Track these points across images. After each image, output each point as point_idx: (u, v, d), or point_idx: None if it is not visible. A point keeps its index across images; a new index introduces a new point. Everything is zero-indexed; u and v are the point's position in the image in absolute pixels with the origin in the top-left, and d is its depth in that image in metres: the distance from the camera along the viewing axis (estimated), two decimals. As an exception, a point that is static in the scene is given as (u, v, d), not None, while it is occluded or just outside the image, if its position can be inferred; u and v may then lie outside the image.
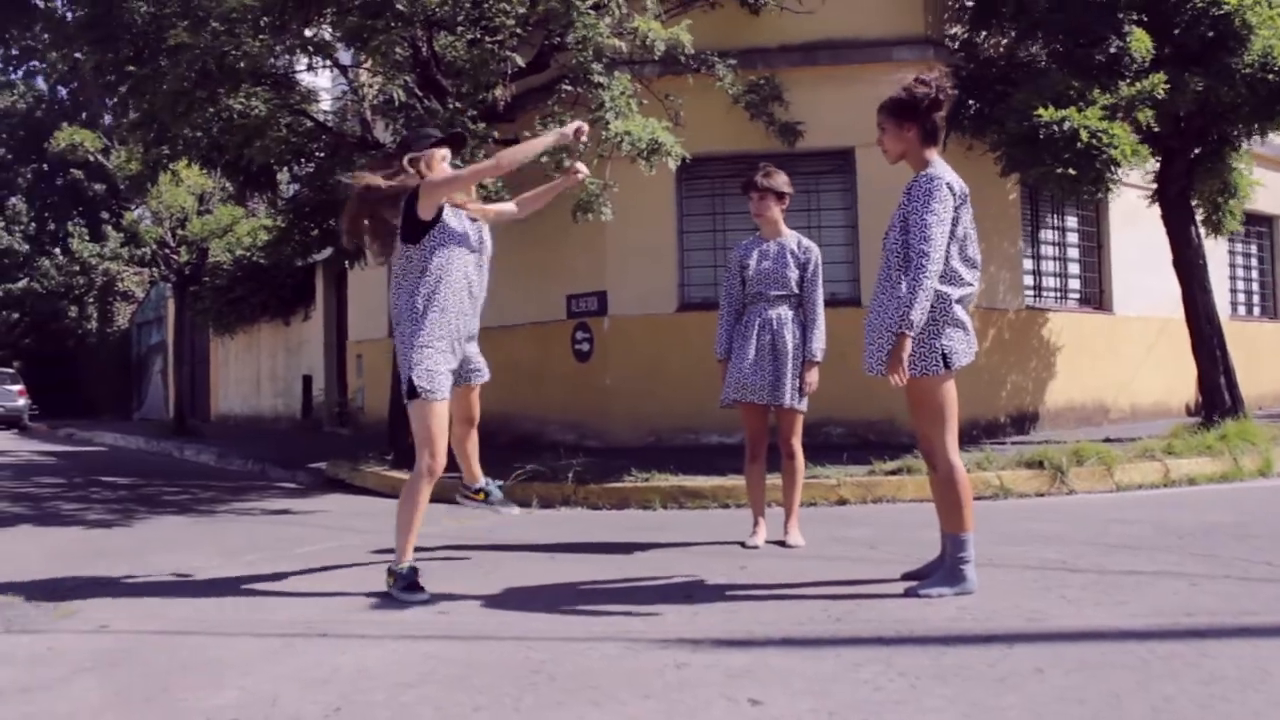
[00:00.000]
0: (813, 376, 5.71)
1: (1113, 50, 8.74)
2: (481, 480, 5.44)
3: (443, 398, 4.76)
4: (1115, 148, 8.50)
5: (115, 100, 9.93)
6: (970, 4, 10.37)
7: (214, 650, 3.83)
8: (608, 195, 8.65)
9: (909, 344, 4.18)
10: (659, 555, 5.58)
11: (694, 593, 4.50)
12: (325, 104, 12.81)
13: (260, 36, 8.17)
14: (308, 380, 20.17)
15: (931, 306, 4.21)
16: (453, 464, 5.20)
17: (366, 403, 16.44)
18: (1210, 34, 8.87)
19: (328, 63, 9.98)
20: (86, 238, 31.29)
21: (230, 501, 8.97)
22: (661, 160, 8.12)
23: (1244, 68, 8.87)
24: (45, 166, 34.02)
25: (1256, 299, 15.55)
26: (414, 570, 4.62)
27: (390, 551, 4.90)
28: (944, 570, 4.32)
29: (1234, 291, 14.89)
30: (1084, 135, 8.42)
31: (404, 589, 4.55)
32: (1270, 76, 8.89)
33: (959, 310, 4.35)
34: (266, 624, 4.22)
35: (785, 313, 5.70)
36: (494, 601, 4.51)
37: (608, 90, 8.07)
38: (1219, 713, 2.80)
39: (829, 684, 3.15)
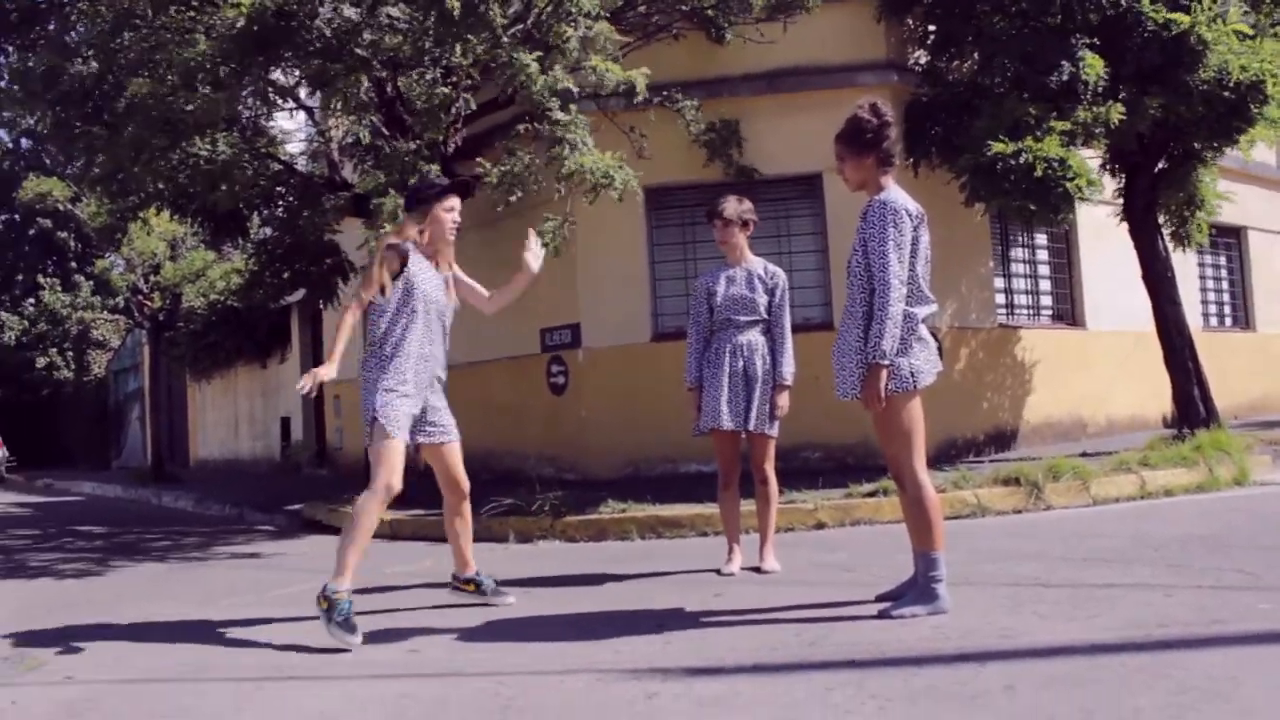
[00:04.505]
0: (783, 400, 5.71)
1: (1065, 77, 8.81)
2: (473, 570, 5.25)
3: (402, 439, 4.78)
4: (1071, 179, 8.56)
5: (79, 157, 9.85)
6: (932, 29, 10.47)
7: (181, 698, 3.79)
8: (566, 230, 8.66)
9: (884, 374, 4.21)
10: (633, 586, 5.55)
11: (667, 622, 4.47)
12: (294, 146, 12.82)
13: (206, 88, 8.13)
14: (286, 422, 20.07)
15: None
16: (434, 497, 5.16)
17: (345, 443, 16.36)
18: (1161, 59, 8.95)
19: (292, 106, 9.99)
20: (58, 288, 31.08)
21: (206, 547, 8.89)
22: (611, 194, 8.15)
23: (1201, 84, 8.96)
24: (16, 217, 33.85)
25: (1227, 310, 15.65)
26: (349, 606, 4.43)
27: (369, 591, 4.87)
28: (917, 590, 4.32)
29: (1205, 303, 14.98)
30: (1039, 167, 8.48)
31: (340, 624, 4.37)
32: (1226, 93, 8.99)
33: (924, 329, 4.38)
34: (236, 669, 4.17)
35: (755, 338, 5.71)
36: (466, 637, 4.47)
37: (563, 126, 8.10)
38: (1188, 723, 2.80)
39: (799, 709, 3.13)
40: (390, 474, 4.68)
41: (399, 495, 4.80)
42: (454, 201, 5.17)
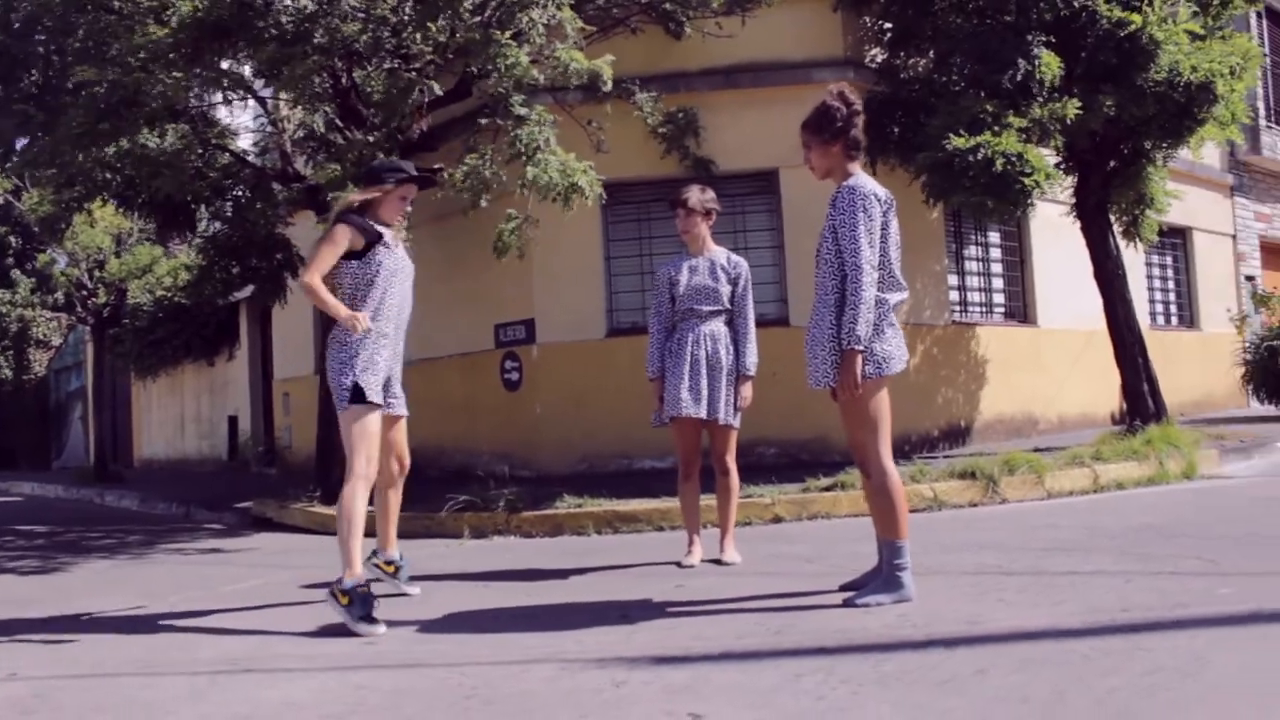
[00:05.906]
0: (747, 391, 5.67)
1: (1021, 75, 8.85)
2: (395, 553, 5.27)
3: (378, 406, 4.75)
4: (1030, 174, 8.59)
5: (25, 138, 9.62)
6: (889, 27, 10.51)
7: (134, 691, 3.67)
8: (529, 229, 8.57)
9: (860, 360, 4.17)
10: (594, 579, 5.49)
11: (630, 613, 4.41)
12: (246, 141, 12.59)
13: (174, 74, 7.96)
14: (233, 421, 19.75)
15: None
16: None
17: (294, 441, 16.13)
18: (1115, 58, 9.02)
19: (246, 97, 9.80)
20: (-3, 285, 30.38)
21: (154, 544, 8.70)
22: (580, 200, 8.08)
23: (1152, 84, 9.05)
24: (-48, 212, 33.04)
25: (1174, 309, 15.90)
26: (371, 596, 4.45)
27: (322, 585, 4.77)
28: (881, 579, 4.29)
29: (1153, 303, 15.19)
30: (999, 163, 8.51)
31: (361, 618, 4.35)
32: (1176, 93, 9.09)
33: (893, 316, 4.36)
34: (190, 663, 4.06)
35: (719, 328, 5.66)
36: (425, 629, 4.39)
37: (526, 125, 8.00)
38: (1162, 701, 2.80)
39: (771, 695, 3.09)
40: (370, 458, 4.68)
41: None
42: (410, 190, 5.14)
